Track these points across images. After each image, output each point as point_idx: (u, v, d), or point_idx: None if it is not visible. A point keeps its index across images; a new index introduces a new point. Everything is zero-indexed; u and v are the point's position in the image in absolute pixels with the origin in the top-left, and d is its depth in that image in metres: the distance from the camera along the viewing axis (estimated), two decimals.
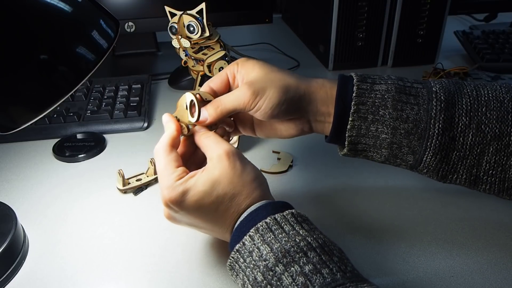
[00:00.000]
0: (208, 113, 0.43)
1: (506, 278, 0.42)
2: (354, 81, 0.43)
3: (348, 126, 0.43)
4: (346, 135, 0.43)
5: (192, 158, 0.45)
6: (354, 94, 0.42)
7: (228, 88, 0.46)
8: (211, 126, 0.44)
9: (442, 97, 0.41)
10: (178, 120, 0.43)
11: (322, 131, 0.46)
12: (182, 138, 0.44)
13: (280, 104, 0.42)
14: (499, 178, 0.41)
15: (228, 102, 0.43)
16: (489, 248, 0.45)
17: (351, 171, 0.58)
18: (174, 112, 0.44)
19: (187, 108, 0.43)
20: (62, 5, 0.39)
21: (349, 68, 0.89)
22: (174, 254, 0.46)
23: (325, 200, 0.53)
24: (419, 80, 0.44)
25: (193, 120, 0.42)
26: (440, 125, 0.41)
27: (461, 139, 0.41)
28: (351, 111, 0.42)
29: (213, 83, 0.45)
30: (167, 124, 0.43)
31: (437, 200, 0.52)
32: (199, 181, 0.38)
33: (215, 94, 0.45)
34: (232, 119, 0.48)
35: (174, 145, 0.42)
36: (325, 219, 0.50)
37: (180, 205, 0.38)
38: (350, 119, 0.43)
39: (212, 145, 0.41)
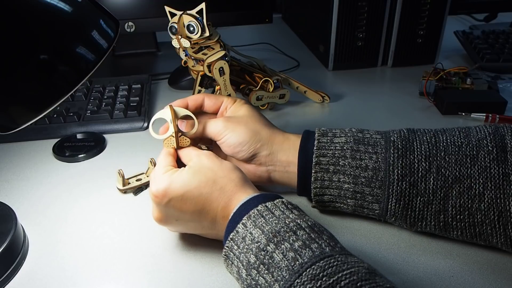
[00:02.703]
0: (186, 126, 0.48)
1: (506, 278, 0.42)
2: (316, 135, 0.47)
3: (312, 178, 0.46)
4: (311, 187, 0.47)
5: None
6: (315, 148, 0.46)
7: (216, 111, 0.51)
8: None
9: (399, 145, 0.44)
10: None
11: (281, 180, 0.50)
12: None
13: (243, 143, 0.47)
14: (468, 223, 0.42)
15: (207, 126, 0.49)
16: (489, 248, 0.45)
17: None
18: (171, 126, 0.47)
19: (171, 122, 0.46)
20: (62, 5, 0.39)
21: (349, 68, 0.89)
22: (174, 254, 0.46)
23: None
24: (379, 131, 0.47)
25: (193, 131, 0.47)
26: (398, 171, 0.43)
27: (423, 183, 0.42)
28: (313, 163, 0.46)
29: (208, 100, 0.51)
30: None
31: None
32: (182, 172, 0.42)
33: (201, 107, 0.51)
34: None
35: (170, 153, 0.46)
36: (324, 218, 0.50)
37: (165, 194, 0.41)
38: (313, 171, 0.46)
39: (191, 151, 0.45)
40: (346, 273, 0.31)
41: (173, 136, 0.46)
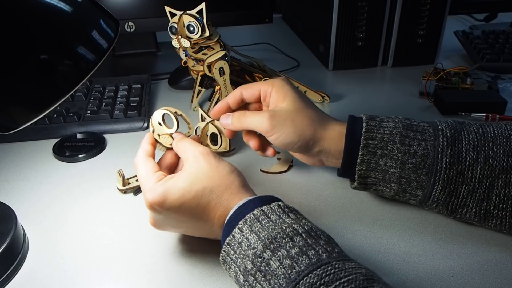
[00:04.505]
0: (231, 121, 0.48)
1: (506, 278, 0.42)
2: (363, 118, 0.46)
3: (358, 161, 0.46)
4: (356, 169, 0.46)
5: (176, 170, 0.48)
6: (363, 130, 0.45)
7: (258, 100, 0.50)
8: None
9: (448, 134, 0.44)
10: (159, 136, 0.48)
11: (335, 166, 0.50)
12: (166, 151, 0.48)
13: (293, 144, 0.47)
14: (510, 212, 0.42)
15: (250, 120, 0.48)
16: (489, 248, 0.45)
17: None
18: (154, 132, 0.48)
19: (161, 124, 0.48)
20: (62, 5, 0.39)
21: (349, 68, 0.89)
22: (174, 254, 0.46)
23: (324, 200, 0.53)
24: (425, 120, 0.47)
25: (173, 130, 0.47)
26: (447, 160, 0.43)
27: (469, 172, 0.43)
28: (361, 145, 0.45)
29: (246, 92, 0.49)
30: (143, 141, 0.47)
31: None
32: (178, 180, 0.40)
33: (243, 101, 0.50)
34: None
35: (150, 155, 0.45)
36: (325, 219, 0.50)
37: (162, 204, 0.40)
38: (360, 153, 0.45)
39: (187, 147, 0.44)
40: (343, 281, 0.31)
41: (170, 135, 0.47)
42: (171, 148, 0.47)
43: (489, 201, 0.42)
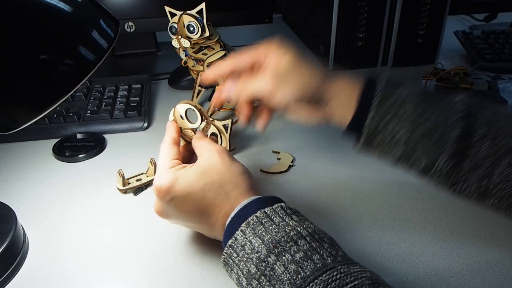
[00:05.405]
0: (235, 90, 0.47)
1: (506, 278, 0.42)
2: (378, 80, 0.45)
3: (368, 119, 0.44)
4: (365, 124, 0.44)
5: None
6: (378, 90, 0.44)
7: (251, 67, 0.47)
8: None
9: (461, 108, 0.43)
10: (181, 129, 0.48)
11: (339, 124, 0.47)
12: (182, 145, 0.48)
13: (301, 96, 0.45)
14: (508, 192, 0.42)
15: (251, 88, 0.46)
16: (489, 248, 0.45)
17: (351, 171, 0.58)
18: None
19: (183, 118, 0.48)
20: (62, 5, 0.39)
21: (349, 68, 0.89)
22: (174, 254, 0.46)
23: (325, 200, 0.53)
24: (441, 92, 0.46)
25: (197, 125, 0.48)
26: (457, 133, 0.42)
27: (474, 148, 0.42)
28: (373, 105, 0.44)
29: (242, 62, 0.47)
30: (168, 127, 0.47)
31: (437, 200, 0.52)
32: (189, 170, 0.41)
33: (235, 72, 0.47)
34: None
35: (176, 142, 0.45)
36: (325, 219, 0.50)
37: (168, 191, 0.40)
38: (371, 113, 0.44)
39: (204, 145, 0.44)
40: (350, 286, 0.31)
41: (192, 130, 0.48)
42: (190, 143, 0.47)
43: (490, 179, 0.42)
